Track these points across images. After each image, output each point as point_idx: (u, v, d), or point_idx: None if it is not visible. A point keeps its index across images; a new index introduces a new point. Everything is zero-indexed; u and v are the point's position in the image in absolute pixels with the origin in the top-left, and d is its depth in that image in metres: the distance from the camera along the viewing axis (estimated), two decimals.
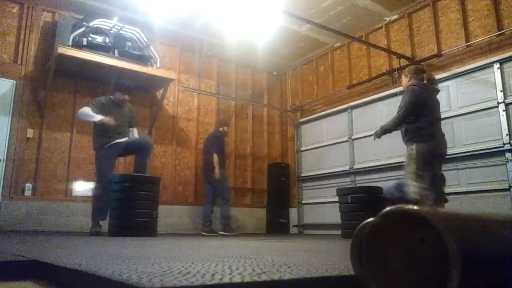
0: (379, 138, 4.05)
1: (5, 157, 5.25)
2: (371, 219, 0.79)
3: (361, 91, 6.55)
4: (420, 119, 3.79)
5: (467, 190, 4.92)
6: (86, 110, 4.50)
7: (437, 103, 3.99)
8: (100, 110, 4.57)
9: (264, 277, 0.88)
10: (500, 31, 4.84)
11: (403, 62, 5.85)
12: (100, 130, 4.59)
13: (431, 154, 3.77)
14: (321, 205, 6.91)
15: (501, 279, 0.71)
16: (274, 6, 5.38)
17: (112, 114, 4.58)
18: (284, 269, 1.04)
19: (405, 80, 4.08)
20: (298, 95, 7.85)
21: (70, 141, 5.78)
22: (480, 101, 4.96)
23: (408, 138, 3.85)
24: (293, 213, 7.39)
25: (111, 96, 4.77)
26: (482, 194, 4.78)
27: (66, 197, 5.59)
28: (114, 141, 4.52)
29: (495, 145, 4.71)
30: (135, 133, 4.89)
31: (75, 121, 5.86)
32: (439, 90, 4.12)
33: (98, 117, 4.43)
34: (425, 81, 3.99)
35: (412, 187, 3.66)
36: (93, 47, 5.54)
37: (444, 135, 3.94)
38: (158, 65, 6.13)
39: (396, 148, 5.69)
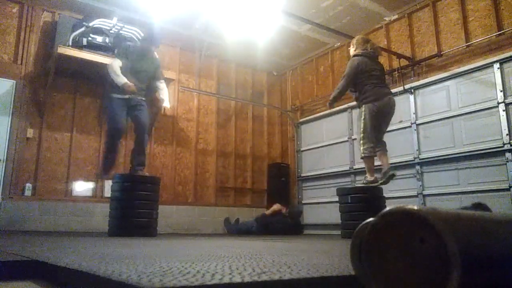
0: (333, 106, 4.71)
1: (5, 157, 5.25)
2: (371, 219, 0.79)
3: None
4: (365, 83, 4.33)
5: (467, 190, 4.92)
6: (115, 67, 4.31)
7: (380, 68, 4.52)
8: (124, 59, 4.44)
9: (264, 277, 0.88)
10: (500, 31, 4.84)
11: (403, 62, 5.85)
12: (115, 86, 4.41)
13: (379, 113, 4.28)
14: (321, 205, 6.91)
15: (501, 279, 0.71)
16: (274, 6, 5.38)
17: (134, 63, 4.44)
18: (284, 269, 1.04)
19: (351, 50, 4.65)
20: (298, 95, 7.85)
21: (70, 141, 5.78)
22: (480, 101, 4.96)
23: (358, 102, 4.44)
24: None
25: (138, 45, 4.65)
26: (482, 194, 4.77)
27: (66, 197, 5.58)
28: (124, 96, 4.36)
29: (495, 145, 4.71)
30: (164, 92, 4.66)
31: (75, 121, 5.87)
32: (380, 55, 4.71)
33: (121, 80, 4.25)
34: (369, 50, 4.50)
35: (363, 149, 4.27)
36: (93, 47, 5.54)
37: (390, 94, 4.46)
38: None
39: (396, 148, 5.71)
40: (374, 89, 4.32)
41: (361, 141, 4.31)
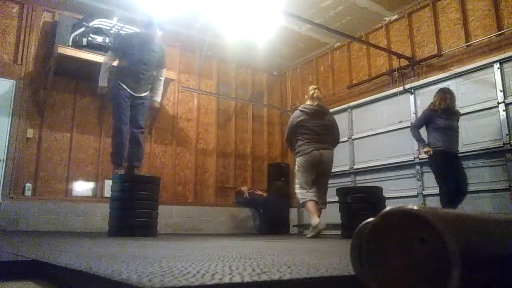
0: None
1: (5, 157, 5.25)
2: (371, 219, 0.79)
3: (361, 91, 6.55)
4: (298, 138, 4.55)
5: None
6: (103, 66, 4.37)
7: (319, 122, 4.59)
8: (123, 49, 4.43)
9: (264, 277, 0.88)
10: (500, 31, 4.84)
11: (403, 62, 5.85)
12: (118, 72, 4.41)
13: (311, 164, 4.46)
14: None
15: (501, 279, 0.71)
16: (274, 6, 5.38)
17: (135, 51, 4.38)
18: (284, 269, 1.04)
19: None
20: (298, 95, 7.84)
21: (70, 141, 5.78)
22: (480, 101, 4.96)
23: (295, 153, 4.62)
24: (293, 213, 7.39)
25: (142, 30, 4.49)
26: (482, 194, 4.77)
27: (66, 197, 5.59)
28: (124, 89, 4.37)
29: (495, 145, 4.71)
30: (159, 88, 4.64)
31: (75, 121, 5.87)
32: (327, 111, 4.85)
33: (101, 82, 4.33)
34: (315, 103, 4.68)
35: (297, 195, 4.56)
36: (93, 47, 5.54)
37: (329, 149, 4.56)
38: None
39: (396, 148, 5.71)
40: (306, 145, 4.56)
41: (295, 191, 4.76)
